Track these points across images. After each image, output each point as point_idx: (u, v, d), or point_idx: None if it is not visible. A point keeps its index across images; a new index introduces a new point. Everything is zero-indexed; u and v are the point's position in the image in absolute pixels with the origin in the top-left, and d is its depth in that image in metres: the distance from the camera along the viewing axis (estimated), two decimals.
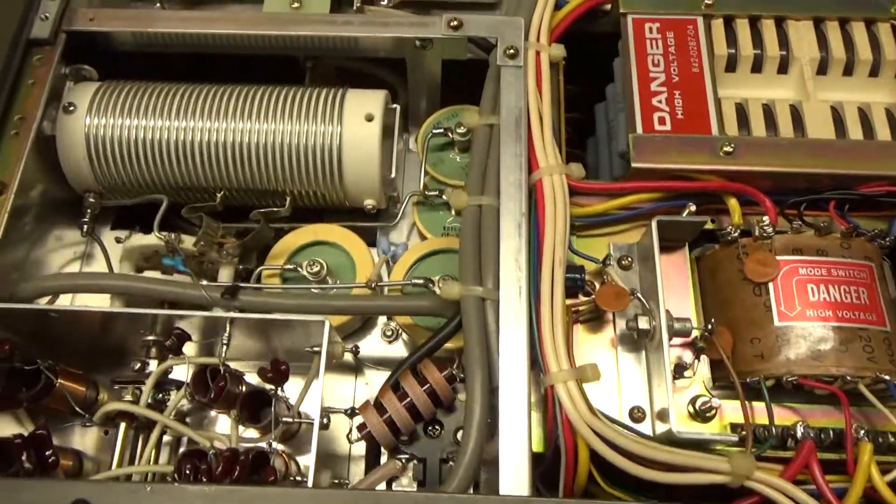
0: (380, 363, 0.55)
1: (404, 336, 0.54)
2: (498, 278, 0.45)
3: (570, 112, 0.57)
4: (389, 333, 0.55)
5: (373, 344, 0.56)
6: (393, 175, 0.56)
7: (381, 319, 0.56)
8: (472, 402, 0.41)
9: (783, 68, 0.54)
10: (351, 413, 0.46)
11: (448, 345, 0.47)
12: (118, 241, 0.60)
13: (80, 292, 0.51)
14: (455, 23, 0.53)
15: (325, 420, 0.43)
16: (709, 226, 0.51)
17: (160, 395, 0.48)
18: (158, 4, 0.59)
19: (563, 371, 0.42)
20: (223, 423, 0.52)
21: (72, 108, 0.53)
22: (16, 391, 0.45)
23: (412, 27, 0.53)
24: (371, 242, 0.57)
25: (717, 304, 0.49)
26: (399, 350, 0.55)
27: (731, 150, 0.49)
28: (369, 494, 0.41)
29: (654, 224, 0.47)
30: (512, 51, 0.52)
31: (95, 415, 0.45)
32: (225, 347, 0.45)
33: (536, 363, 0.43)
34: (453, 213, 0.57)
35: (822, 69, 0.54)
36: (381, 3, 0.58)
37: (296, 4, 0.56)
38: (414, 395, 0.42)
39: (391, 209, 0.59)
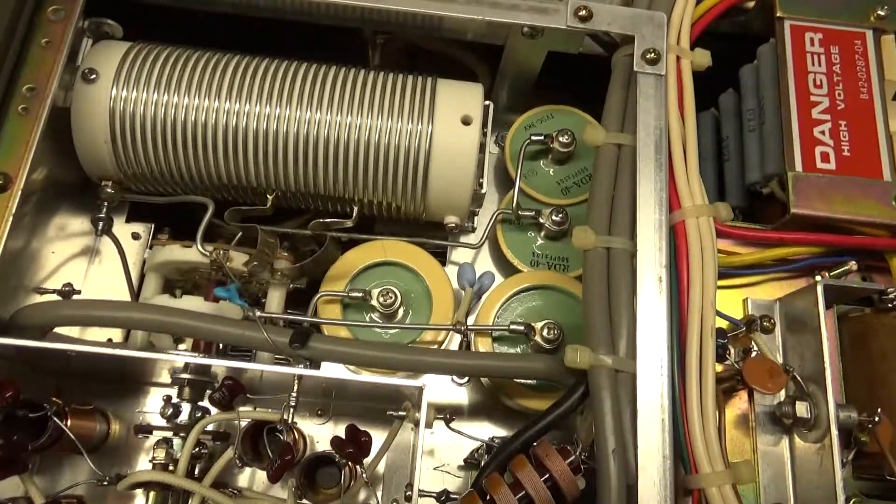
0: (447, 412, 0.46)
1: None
2: (634, 346, 0.36)
3: None
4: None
5: (438, 386, 0.47)
6: (484, 190, 0.46)
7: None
8: (606, 495, 0.33)
9: None
10: (445, 498, 0.38)
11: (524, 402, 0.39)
12: (135, 237, 0.49)
13: (104, 326, 0.41)
14: (584, 13, 0.43)
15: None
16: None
17: (195, 450, 0.39)
18: None
19: (718, 473, 0.34)
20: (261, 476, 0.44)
21: (93, 77, 0.42)
22: (21, 449, 0.35)
23: (530, 13, 0.43)
24: (442, 263, 0.48)
25: (867, 379, 0.42)
26: (463, 395, 0.46)
27: None
28: None
29: (819, 287, 0.39)
30: (652, 55, 0.42)
31: (120, 484, 0.36)
32: (292, 409, 0.36)
33: (679, 457, 0.35)
34: (543, 236, 0.49)
35: None
36: None
37: None
38: (534, 490, 0.34)
39: (466, 226, 0.50)
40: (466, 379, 0.47)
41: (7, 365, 0.39)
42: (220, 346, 0.41)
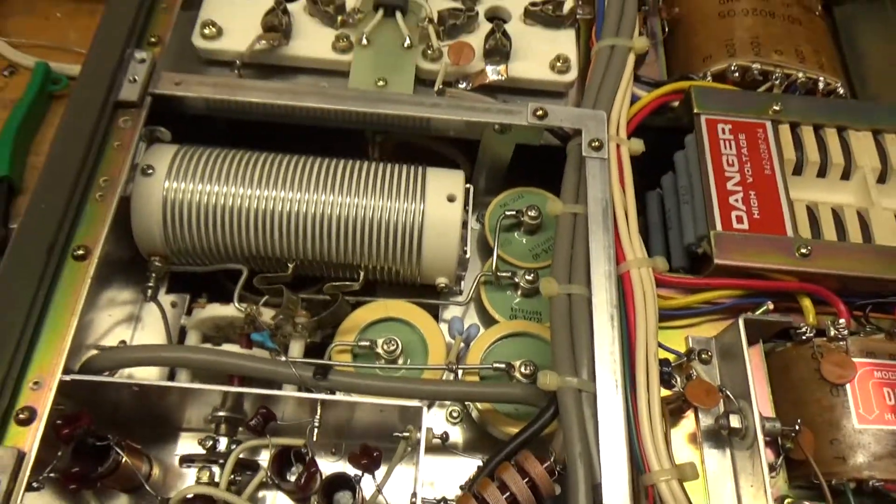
0: (443, 447, 0.53)
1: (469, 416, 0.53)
2: (593, 370, 0.45)
3: None
4: (455, 415, 0.54)
5: (434, 424, 0.54)
6: (468, 255, 0.56)
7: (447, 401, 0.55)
8: (577, 494, 0.41)
9: (846, 175, 0.57)
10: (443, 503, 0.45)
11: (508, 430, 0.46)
12: (174, 305, 0.58)
13: (165, 366, 0.49)
14: (540, 112, 0.54)
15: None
16: None
17: (231, 476, 0.46)
18: (236, 71, 0.59)
19: (665, 469, 0.42)
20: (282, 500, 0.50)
21: (150, 171, 0.53)
22: (90, 470, 0.42)
23: (499, 113, 0.55)
24: (435, 319, 0.57)
25: (791, 402, 0.50)
26: (459, 433, 0.54)
27: (807, 252, 0.51)
28: None
29: (741, 322, 0.48)
30: (597, 143, 0.53)
31: (172, 500, 0.43)
32: (316, 430, 0.43)
33: (634, 460, 0.43)
34: (519, 294, 0.58)
35: (881, 178, 0.57)
36: (460, 85, 0.59)
37: (381, 83, 0.57)
38: (517, 489, 0.41)
39: (454, 288, 0.59)
40: (460, 418, 0.54)
41: (69, 404, 0.46)
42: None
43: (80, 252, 0.46)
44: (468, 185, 0.57)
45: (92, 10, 0.95)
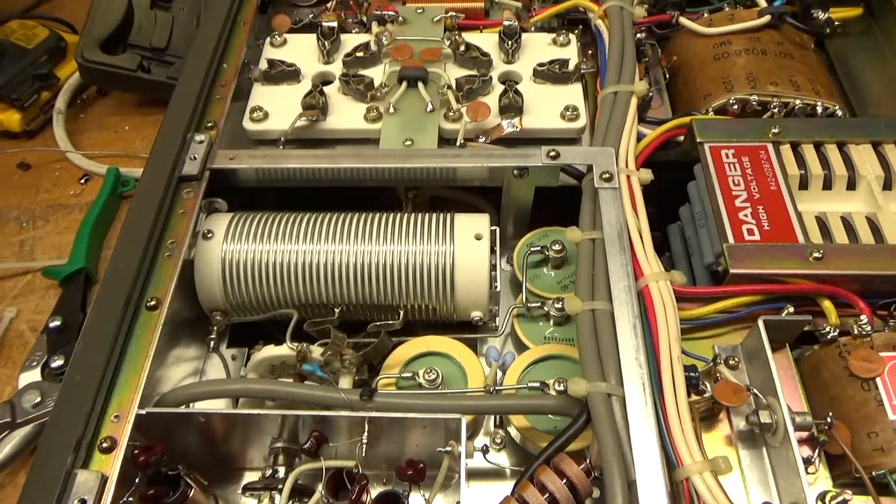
0: (487, 473, 0.56)
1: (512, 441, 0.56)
2: (620, 376, 0.48)
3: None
4: (499, 441, 0.57)
5: (478, 453, 0.57)
6: (498, 289, 0.60)
7: (490, 428, 0.58)
8: (613, 492, 0.42)
9: (851, 185, 0.60)
10: None
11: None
12: (233, 358, 0.63)
13: (229, 397, 0.54)
14: (553, 153, 0.60)
15: None
16: (806, 328, 0.54)
17: (289, 502, 0.50)
18: (281, 147, 0.67)
19: (698, 463, 0.44)
20: None
21: (210, 235, 0.59)
22: (163, 496, 0.47)
23: (515, 158, 0.60)
24: (474, 352, 0.60)
25: (826, 401, 0.51)
26: (504, 459, 0.56)
27: (819, 255, 0.53)
28: None
29: (760, 323, 0.50)
30: (607, 175, 0.58)
31: None
32: (365, 446, 0.47)
33: (667, 457, 0.45)
34: (552, 323, 0.61)
35: (886, 185, 0.59)
36: (480, 140, 0.66)
37: (408, 142, 0.64)
38: (556, 489, 0.43)
39: (489, 323, 0.63)
40: (503, 444, 0.57)
41: (144, 439, 0.51)
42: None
43: (153, 303, 0.53)
44: (494, 227, 0.62)
45: (155, 120, 1.07)
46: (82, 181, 0.99)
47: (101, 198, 0.92)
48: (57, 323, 0.77)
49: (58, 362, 0.73)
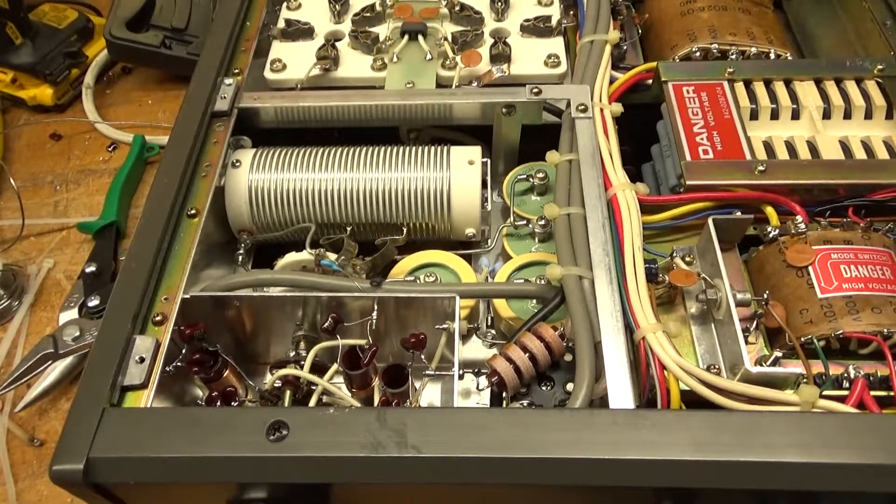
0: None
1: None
2: (590, 262, 0.57)
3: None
4: (490, 337, 0.65)
5: (474, 348, 0.66)
6: (489, 208, 0.69)
7: (482, 328, 0.66)
8: (582, 351, 0.51)
9: (796, 115, 0.68)
10: (476, 373, 0.56)
11: None
12: None
13: (262, 286, 0.62)
14: (536, 90, 0.69)
15: (460, 372, 0.53)
16: (751, 232, 0.62)
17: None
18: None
19: (652, 324, 0.52)
20: None
21: (238, 164, 0.68)
22: (207, 365, 0.56)
23: (503, 95, 0.69)
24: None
25: (768, 290, 0.60)
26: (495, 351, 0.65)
27: (763, 169, 0.62)
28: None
29: (710, 221, 0.59)
30: (583, 107, 0.67)
31: (267, 384, 0.56)
32: (373, 322, 0.56)
33: (626, 323, 0.54)
34: (536, 240, 0.70)
35: (826, 115, 0.68)
36: (473, 84, 0.75)
37: (409, 84, 0.73)
38: (535, 348, 0.52)
39: (481, 243, 0.72)
40: (491, 343, 0.66)
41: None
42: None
43: (193, 212, 0.62)
44: (486, 160, 0.71)
45: (176, 95, 1.17)
46: (110, 149, 1.08)
47: (129, 161, 1.02)
48: (92, 269, 0.86)
49: (94, 301, 0.83)
